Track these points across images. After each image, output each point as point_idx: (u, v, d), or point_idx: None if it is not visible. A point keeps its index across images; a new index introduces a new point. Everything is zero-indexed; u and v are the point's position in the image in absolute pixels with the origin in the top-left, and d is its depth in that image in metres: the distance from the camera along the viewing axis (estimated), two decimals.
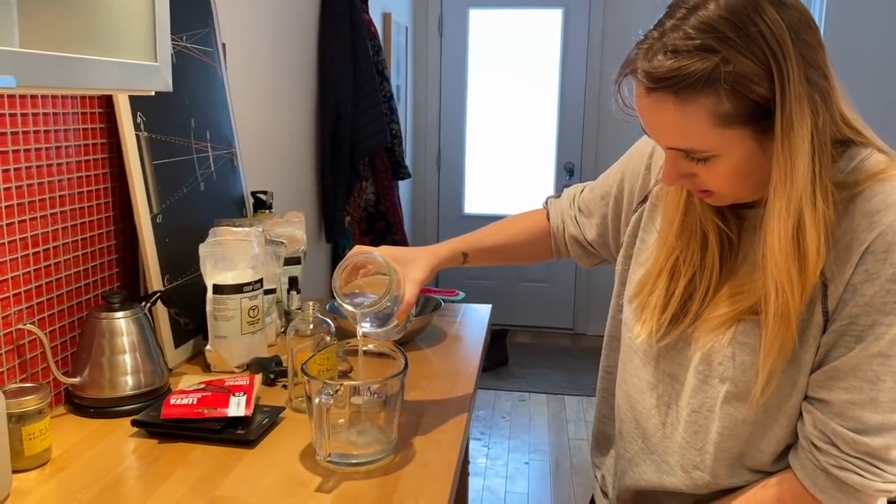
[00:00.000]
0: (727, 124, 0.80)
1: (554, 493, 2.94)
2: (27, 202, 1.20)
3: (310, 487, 1.03)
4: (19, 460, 1.05)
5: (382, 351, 1.19)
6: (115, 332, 1.26)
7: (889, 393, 0.81)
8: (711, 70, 0.77)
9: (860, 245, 0.81)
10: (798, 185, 0.79)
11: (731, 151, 0.83)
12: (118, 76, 0.80)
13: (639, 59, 0.83)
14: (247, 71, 2.15)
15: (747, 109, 0.79)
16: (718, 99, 0.79)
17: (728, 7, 0.78)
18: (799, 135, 0.78)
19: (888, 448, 0.82)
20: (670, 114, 0.81)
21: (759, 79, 0.78)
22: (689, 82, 0.78)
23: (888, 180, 0.82)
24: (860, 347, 0.82)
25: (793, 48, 0.77)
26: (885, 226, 0.80)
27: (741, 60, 0.77)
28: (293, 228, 1.77)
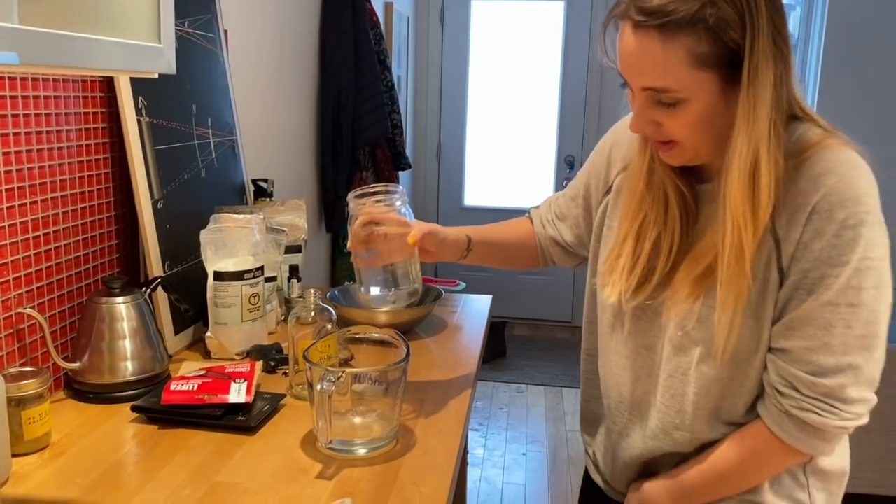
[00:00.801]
0: (702, 66, 0.88)
1: (551, 484, 2.94)
2: (27, 185, 1.19)
3: (310, 474, 1.03)
4: (19, 444, 1.05)
5: (384, 339, 1.19)
6: (115, 317, 1.25)
7: (840, 337, 0.90)
8: (696, 10, 0.85)
9: (807, 206, 0.89)
10: (758, 129, 0.88)
11: (700, 95, 0.90)
12: (122, 57, 0.79)
13: (630, 2, 0.90)
14: (248, 58, 2.14)
15: (721, 53, 0.87)
16: (699, 39, 0.86)
17: None
18: (762, 84, 0.87)
19: (843, 387, 0.91)
20: (653, 51, 0.89)
21: (735, 26, 0.86)
22: (675, 18, 0.86)
23: (828, 148, 0.92)
24: (812, 298, 0.90)
25: (765, 8, 0.86)
26: (828, 188, 0.89)
27: (722, 6, 0.85)
28: (294, 216, 1.77)
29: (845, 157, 0.92)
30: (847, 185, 0.89)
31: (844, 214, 0.88)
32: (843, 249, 0.88)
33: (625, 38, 0.93)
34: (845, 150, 0.93)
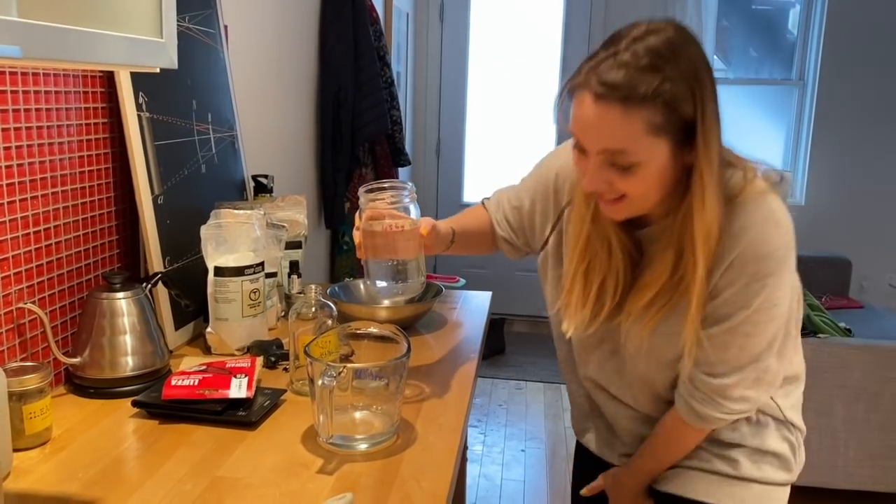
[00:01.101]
0: (658, 133, 0.97)
1: (550, 481, 2.95)
2: (28, 181, 1.19)
3: (311, 469, 1.03)
4: (20, 439, 1.05)
5: (385, 334, 1.19)
6: (115, 312, 1.25)
7: (734, 355, 1.09)
8: (656, 87, 0.95)
9: (726, 259, 1.04)
10: (713, 186, 1.00)
11: (653, 159, 1.00)
12: (124, 51, 0.79)
13: (591, 73, 0.98)
14: (248, 53, 2.13)
15: (675, 122, 0.97)
16: (656, 111, 0.96)
17: (666, 41, 0.97)
18: (712, 147, 0.99)
19: (727, 387, 1.11)
20: (613, 120, 0.97)
21: (687, 99, 0.96)
22: (636, 94, 0.95)
23: (748, 201, 1.04)
24: (715, 327, 1.08)
25: (708, 81, 0.98)
26: (743, 245, 1.03)
27: (676, 84, 0.95)
28: (294, 212, 1.77)
29: (763, 210, 1.04)
30: (761, 242, 1.03)
31: (754, 269, 1.03)
32: (748, 297, 1.05)
33: (585, 106, 0.99)
34: (763, 200, 1.04)
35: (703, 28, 4.39)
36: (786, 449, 1.21)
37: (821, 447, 2.57)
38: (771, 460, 1.20)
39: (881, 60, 4.41)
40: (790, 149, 4.68)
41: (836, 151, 4.55)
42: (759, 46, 4.73)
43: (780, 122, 4.71)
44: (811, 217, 4.63)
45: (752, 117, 4.73)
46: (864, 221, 4.60)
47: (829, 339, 2.60)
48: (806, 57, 4.59)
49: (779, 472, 1.21)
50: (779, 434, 1.21)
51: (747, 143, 4.19)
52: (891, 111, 4.47)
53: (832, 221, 4.62)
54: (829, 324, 3.06)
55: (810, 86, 4.57)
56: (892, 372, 2.53)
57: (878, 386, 2.54)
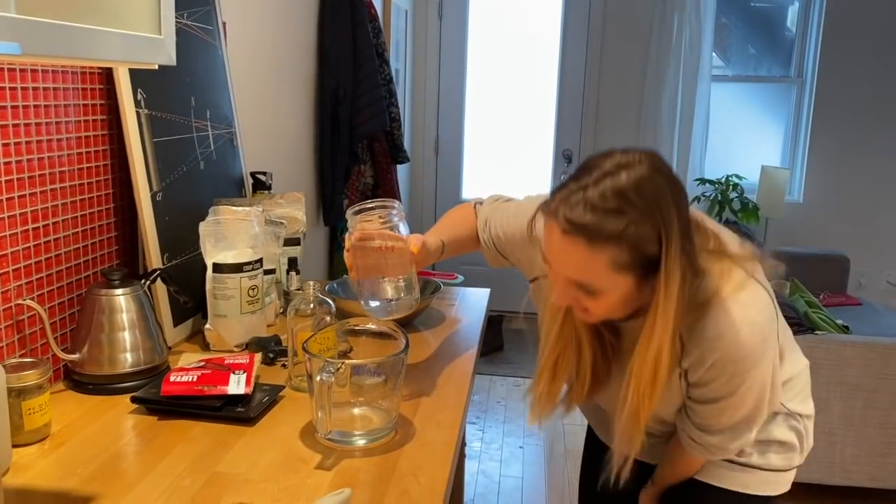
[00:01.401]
0: (622, 270, 1.00)
1: (548, 478, 2.95)
2: (27, 177, 1.19)
3: (310, 465, 1.03)
4: (19, 435, 1.05)
5: (383, 331, 1.19)
6: (114, 308, 1.25)
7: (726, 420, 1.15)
8: (621, 229, 0.97)
9: (706, 362, 1.08)
10: (667, 325, 1.02)
11: (617, 289, 1.03)
12: (122, 48, 0.79)
13: (560, 206, 1.00)
14: (247, 50, 2.13)
15: (638, 262, 1.00)
16: (621, 251, 0.98)
17: (636, 180, 0.97)
18: (672, 286, 1.00)
19: (723, 441, 1.18)
20: (579, 254, 1.00)
21: (652, 241, 0.98)
22: (601, 235, 0.97)
23: (722, 305, 1.06)
24: (705, 407, 1.14)
25: (676, 222, 0.99)
26: (721, 351, 1.06)
27: (642, 227, 0.97)
28: (293, 209, 1.77)
29: (735, 313, 1.06)
30: (736, 347, 1.06)
31: (733, 369, 1.07)
32: (731, 387, 1.09)
33: (553, 236, 1.02)
34: (736, 301, 1.06)
35: (702, 25, 4.39)
36: (793, 437, 1.26)
37: (817, 444, 2.57)
38: (777, 448, 1.25)
39: (879, 58, 4.42)
40: (788, 146, 4.69)
41: (834, 148, 4.56)
42: (757, 44, 4.73)
43: (779, 120, 4.72)
44: (809, 214, 4.64)
45: (751, 114, 4.73)
46: (863, 218, 4.61)
47: (826, 336, 2.60)
48: (804, 54, 4.60)
49: (785, 459, 1.26)
50: (786, 424, 1.25)
51: (746, 140, 4.23)
52: (889, 108, 4.47)
53: (830, 218, 4.62)
54: (827, 321, 3.07)
55: (809, 83, 4.57)
56: (890, 369, 2.53)
57: (875, 383, 2.54)
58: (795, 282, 3.52)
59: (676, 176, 1.03)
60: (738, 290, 1.07)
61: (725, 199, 4.37)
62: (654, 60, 4.51)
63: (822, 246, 4.49)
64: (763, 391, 1.12)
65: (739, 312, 1.06)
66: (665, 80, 4.48)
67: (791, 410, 1.25)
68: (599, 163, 1.00)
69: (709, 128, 4.58)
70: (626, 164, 0.99)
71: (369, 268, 1.24)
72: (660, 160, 1.02)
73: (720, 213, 4.34)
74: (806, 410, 1.28)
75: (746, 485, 1.25)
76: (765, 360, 1.09)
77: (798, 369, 1.28)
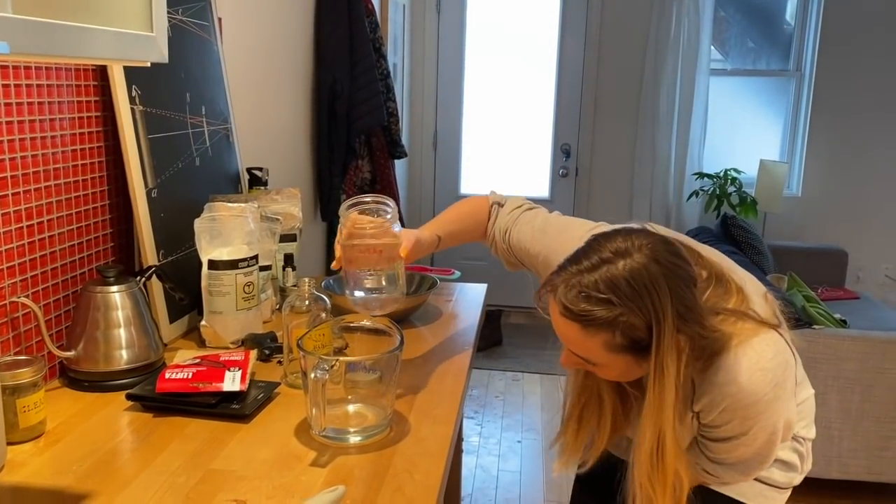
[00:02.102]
0: (617, 352, 1.05)
1: (546, 472, 2.96)
2: (20, 174, 1.19)
3: (304, 461, 1.04)
4: (14, 432, 1.05)
5: (378, 327, 1.19)
6: (109, 305, 1.25)
7: (729, 458, 1.15)
8: (612, 319, 1.01)
9: (719, 406, 1.09)
10: (664, 414, 1.05)
11: (615, 365, 1.08)
12: (114, 46, 0.78)
13: (559, 286, 1.05)
14: (242, 46, 2.13)
15: (632, 345, 1.04)
16: (613, 336, 1.03)
17: (631, 271, 1.00)
18: (668, 374, 1.03)
19: (725, 476, 1.20)
20: (575, 335, 1.05)
21: (643, 329, 1.02)
22: (593, 321, 1.02)
23: (729, 354, 1.07)
24: (718, 444, 1.15)
25: (671, 307, 1.00)
26: (731, 398, 1.07)
27: (633, 317, 1.01)
28: (289, 205, 1.77)
29: (745, 361, 1.06)
30: (746, 394, 1.06)
31: (744, 413, 1.08)
32: (743, 429, 1.10)
33: (554, 313, 1.07)
34: (747, 349, 1.07)
35: (701, 19, 4.38)
36: (794, 458, 1.27)
37: (815, 437, 2.58)
38: (779, 465, 1.26)
39: (878, 51, 4.41)
40: (787, 139, 4.68)
41: (832, 142, 4.55)
42: (756, 37, 4.72)
43: (778, 113, 4.71)
44: (808, 208, 4.64)
45: (749, 108, 4.73)
46: (861, 212, 4.60)
47: (824, 331, 2.61)
48: (803, 48, 4.59)
49: (784, 475, 1.27)
50: (790, 446, 1.27)
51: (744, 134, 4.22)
52: (888, 102, 4.46)
53: (828, 212, 4.62)
54: (825, 315, 3.07)
55: (807, 77, 4.56)
56: (887, 363, 2.54)
57: (873, 377, 2.55)
58: (793, 276, 3.52)
59: (678, 260, 1.04)
60: (751, 336, 1.08)
61: (724, 193, 4.37)
62: (653, 54, 4.50)
63: (820, 240, 4.49)
64: (776, 431, 1.13)
65: (750, 360, 1.06)
66: (663, 73, 4.47)
67: (795, 435, 1.26)
68: (601, 245, 1.04)
69: (707, 122, 4.58)
70: (623, 251, 1.02)
71: (355, 259, 1.24)
72: (661, 246, 1.03)
73: (718, 208, 4.34)
74: (809, 435, 1.29)
75: (744, 494, 1.25)
76: (777, 404, 1.09)
77: (804, 397, 1.29)
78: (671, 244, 1.05)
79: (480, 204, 1.43)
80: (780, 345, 1.09)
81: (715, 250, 1.22)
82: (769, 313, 1.12)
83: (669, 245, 1.05)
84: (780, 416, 1.11)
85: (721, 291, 1.11)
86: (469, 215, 1.42)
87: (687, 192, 4.57)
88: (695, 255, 1.15)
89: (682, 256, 1.05)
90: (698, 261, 1.14)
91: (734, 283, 1.13)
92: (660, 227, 1.21)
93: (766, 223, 4.55)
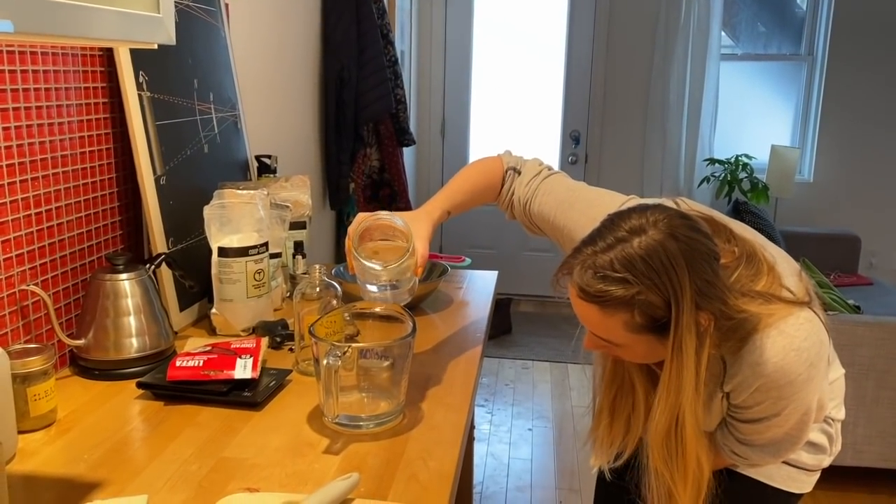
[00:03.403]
0: (637, 331, 1.02)
1: (557, 459, 2.95)
2: (28, 161, 1.18)
3: (317, 449, 1.02)
4: (25, 421, 1.04)
5: (390, 314, 1.18)
6: (119, 293, 1.24)
7: (760, 440, 1.14)
8: (629, 298, 0.98)
9: (750, 387, 1.07)
10: (682, 394, 1.03)
11: (637, 346, 1.05)
12: (119, 26, 0.77)
13: (575, 268, 1.02)
14: (250, 32, 2.11)
15: (652, 324, 1.01)
16: (632, 316, 1.00)
17: (645, 248, 0.98)
18: (687, 353, 1.01)
19: (754, 458, 1.18)
20: (594, 316, 1.03)
21: (661, 307, 0.99)
22: (611, 301, 0.99)
23: (762, 335, 1.04)
24: (749, 426, 1.13)
25: (689, 284, 0.98)
26: (765, 377, 1.05)
27: (650, 295, 0.98)
28: (298, 192, 1.75)
29: (779, 343, 1.04)
30: (780, 374, 1.04)
31: (778, 394, 1.06)
32: (777, 409, 1.08)
33: (572, 296, 1.05)
34: (780, 330, 1.04)
35: (711, 3, 4.33)
36: (824, 440, 1.25)
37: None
38: (808, 447, 1.23)
39: (891, 35, 4.35)
40: (799, 125, 4.63)
41: (844, 127, 4.50)
42: (767, 21, 4.66)
43: (789, 98, 4.66)
44: (820, 194, 4.59)
45: (761, 93, 4.68)
46: (874, 197, 4.56)
47: (837, 317, 2.58)
48: (815, 32, 4.53)
49: (813, 458, 1.25)
50: (819, 428, 1.24)
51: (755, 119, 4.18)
52: None
53: (841, 198, 4.58)
54: (838, 301, 3.04)
55: (819, 61, 4.51)
56: None
57: (887, 363, 2.52)
58: (806, 262, 3.49)
59: (696, 234, 1.00)
60: (786, 315, 1.05)
61: (735, 179, 4.33)
62: (663, 39, 4.45)
63: (832, 226, 4.45)
64: (809, 412, 1.11)
65: (784, 339, 1.04)
66: (674, 59, 4.43)
67: (825, 416, 1.24)
68: (616, 224, 1.01)
69: (718, 107, 4.53)
70: (638, 228, 0.99)
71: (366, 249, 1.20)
72: (678, 221, 1.00)
73: (730, 194, 4.30)
74: (839, 416, 1.27)
75: (771, 476, 1.23)
76: (811, 384, 1.07)
77: (835, 377, 1.26)
78: (689, 219, 1.01)
79: (493, 170, 1.36)
80: (814, 323, 1.06)
81: (748, 227, 1.18)
82: (803, 291, 1.09)
83: (687, 220, 1.01)
84: (814, 397, 1.09)
85: (752, 271, 1.08)
86: (481, 183, 1.35)
87: (698, 178, 4.53)
88: (727, 232, 1.12)
89: (701, 231, 1.01)
90: (730, 237, 1.11)
91: (766, 263, 1.09)
92: (692, 203, 1.18)
93: (778, 209, 4.52)
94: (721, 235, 1.10)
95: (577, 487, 2.76)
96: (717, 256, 1.02)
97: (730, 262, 1.08)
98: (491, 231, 4.90)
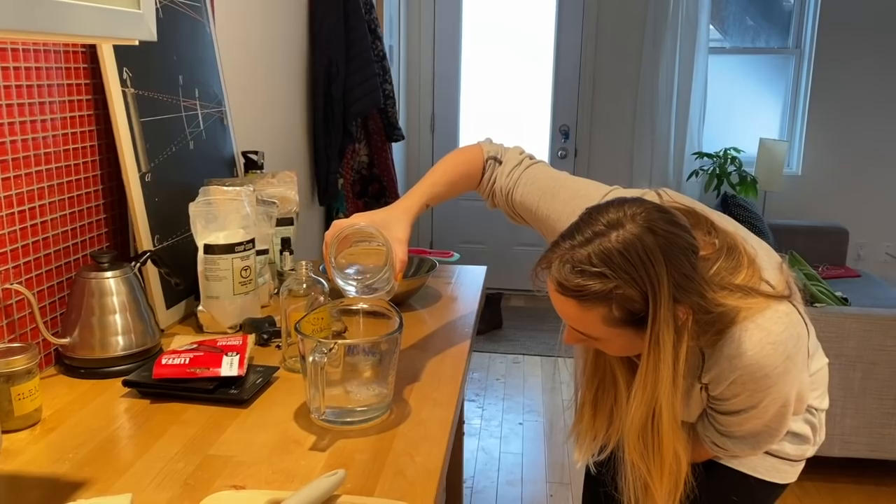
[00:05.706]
0: (615, 325, 1.02)
1: (548, 453, 2.96)
2: (10, 159, 1.17)
3: (304, 446, 1.02)
4: (9, 420, 1.04)
5: (377, 310, 1.18)
6: (104, 291, 1.24)
7: (739, 431, 1.16)
8: (607, 292, 0.98)
9: (727, 379, 1.08)
10: (660, 389, 1.04)
11: (616, 339, 1.06)
12: (99, 22, 0.76)
13: (554, 263, 1.02)
14: (236, 27, 2.10)
15: (630, 318, 1.01)
16: (610, 310, 1.00)
17: (624, 242, 0.97)
18: (664, 347, 1.01)
19: (735, 449, 1.19)
20: (572, 310, 1.03)
21: (639, 301, 0.99)
22: (589, 297, 1.00)
23: (740, 326, 1.05)
24: (727, 417, 1.15)
25: (667, 278, 0.98)
26: (740, 370, 1.05)
27: (628, 289, 0.98)
28: (285, 188, 1.75)
29: (755, 336, 1.04)
30: (755, 367, 1.05)
31: (754, 386, 1.07)
32: (753, 402, 1.09)
33: (550, 290, 1.05)
34: (755, 324, 1.04)
35: None
36: (807, 430, 1.25)
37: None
38: (791, 439, 1.24)
39: (878, 29, 4.37)
40: (787, 118, 4.65)
41: (833, 120, 4.52)
42: (755, 15, 4.68)
43: (777, 91, 4.67)
44: (808, 186, 4.61)
45: (749, 86, 4.69)
46: (862, 190, 4.58)
47: (825, 308, 2.59)
48: (803, 25, 4.54)
49: (796, 448, 1.25)
50: (802, 418, 1.25)
51: (744, 113, 4.20)
52: (888, 80, 4.43)
53: (829, 190, 4.60)
54: (826, 293, 3.06)
55: (807, 54, 4.52)
56: (888, 340, 2.53)
57: (874, 355, 2.54)
58: (794, 254, 3.51)
59: (674, 228, 1.00)
60: (763, 309, 1.05)
61: (724, 172, 4.34)
62: (651, 33, 4.46)
63: (820, 218, 4.47)
64: (787, 404, 1.11)
65: (761, 333, 1.04)
66: (662, 53, 4.44)
67: (808, 406, 1.25)
68: (594, 218, 1.01)
69: (706, 101, 4.54)
70: (616, 222, 0.99)
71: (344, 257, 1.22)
72: (656, 214, 1.00)
73: (718, 187, 4.32)
74: (822, 405, 1.28)
75: (755, 468, 1.24)
76: (788, 377, 1.07)
77: (817, 367, 1.27)
78: (667, 212, 1.01)
79: (473, 159, 1.35)
80: (792, 317, 1.06)
81: (730, 219, 1.18)
82: (783, 285, 1.10)
83: (666, 213, 1.01)
84: (792, 389, 1.10)
85: (732, 264, 1.08)
86: (461, 174, 1.34)
87: (687, 171, 4.54)
88: (707, 224, 1.12)
89: (679, 224, 1.01)
90: (710, 229, 1.11)
91: (746, 255, 1.09)
92: (675, 195, 1.18)
93: (767, 202, 4.53)
94: (701, 227, 1.10)
95: (568, 481, 2.77)
96: (696, 250, 1.02)
97: (710, 254, 1.08)
98: (481, 226, 4.90)
